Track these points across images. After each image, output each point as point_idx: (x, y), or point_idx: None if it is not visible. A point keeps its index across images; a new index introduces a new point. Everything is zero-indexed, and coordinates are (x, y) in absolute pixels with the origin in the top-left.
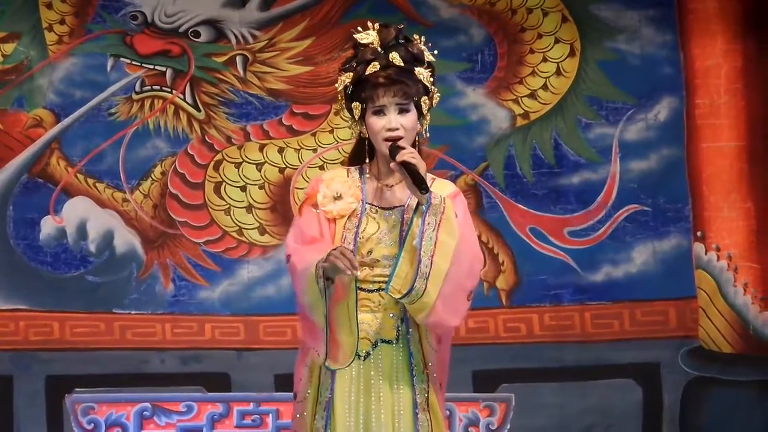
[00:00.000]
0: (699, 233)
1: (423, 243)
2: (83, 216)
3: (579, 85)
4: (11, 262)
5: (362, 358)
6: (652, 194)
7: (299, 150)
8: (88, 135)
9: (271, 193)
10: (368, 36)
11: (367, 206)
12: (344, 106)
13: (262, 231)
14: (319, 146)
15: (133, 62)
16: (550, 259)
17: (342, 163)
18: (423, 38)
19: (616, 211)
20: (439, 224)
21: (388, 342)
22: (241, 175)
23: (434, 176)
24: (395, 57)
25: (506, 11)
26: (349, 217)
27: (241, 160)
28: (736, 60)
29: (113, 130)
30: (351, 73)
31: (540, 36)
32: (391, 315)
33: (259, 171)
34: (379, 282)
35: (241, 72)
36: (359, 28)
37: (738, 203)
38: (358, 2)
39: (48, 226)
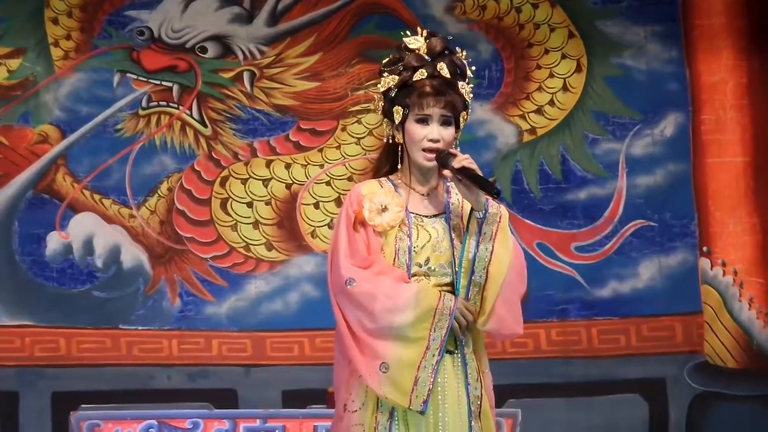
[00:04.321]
0: (705, 248)
1: (477, 254)
2: (90, 231)
3: (586, 100)
4: (17, 277)
5: None
6: (659, 210)
7: (306, 166)
8: (94, 151)
9: (277, 209)
10: (417, 42)
11: (412, 215)
12: (382, 108)
13: (269, 246)
14: (326, 162)
15: (140, 78)
16: (557, 275)
17: (349, 179)
18: (464, 53)
19: (623, 226)
20: (495, 234)
21: (450, 352)
22: (248, 191)
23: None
24: (443, 68)
25: (513, 27)
26: (399, 227)
27: (247, 176)
28: (741, 76)
29: (119, 146)
30: (396, 77)
31: (547, 52)
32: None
33: (266, 187)
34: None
35: (248, 88)
36: (408, 32)
37: (744, 218)
38: (365, 18)
39: (54, 241)
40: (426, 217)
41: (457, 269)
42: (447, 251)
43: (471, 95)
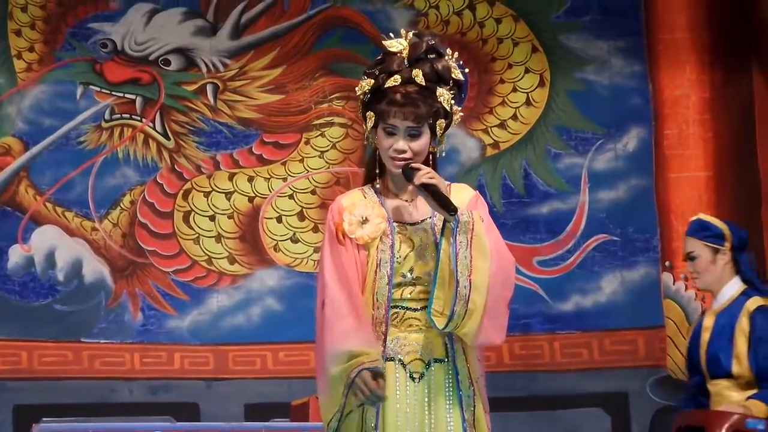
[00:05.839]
0: (667, 263)
1: (458, 264)
2: (52, 245)
3: (548, 115)
4: None
5: (416, 380)
6: (621, 224)
7: (269, 179)
8: (57, 163)
9: (240, 222)
10: (399, 45)
11: (395, 225)
12: (360, 110)
13: (232, 260)
14: (289, 175)
15: (103, 90)
16: (520, 289)
17: (312, 192)
18: (455, 54)
19: (585, 240)
20: (470, 243)
21: (440, 361)
22: (211, 205)
23: (449, 182)
24: (418, 74)
25: (477, 41)
26: (381, 238)
27: (210, 189)
28: (704, 91)
29: (82, 158)
30: (372, 80)
31: (510, 66)
32: (438, 333)
33: (229, 200)
34: (424, 300)
35: (212, 100)
36: (391, 35)
37: None
38: (328, 31)
39: (16, 254)
40: (409, 224)
41: (431, 281)
42: (432, 258)
43: (453, 101)
